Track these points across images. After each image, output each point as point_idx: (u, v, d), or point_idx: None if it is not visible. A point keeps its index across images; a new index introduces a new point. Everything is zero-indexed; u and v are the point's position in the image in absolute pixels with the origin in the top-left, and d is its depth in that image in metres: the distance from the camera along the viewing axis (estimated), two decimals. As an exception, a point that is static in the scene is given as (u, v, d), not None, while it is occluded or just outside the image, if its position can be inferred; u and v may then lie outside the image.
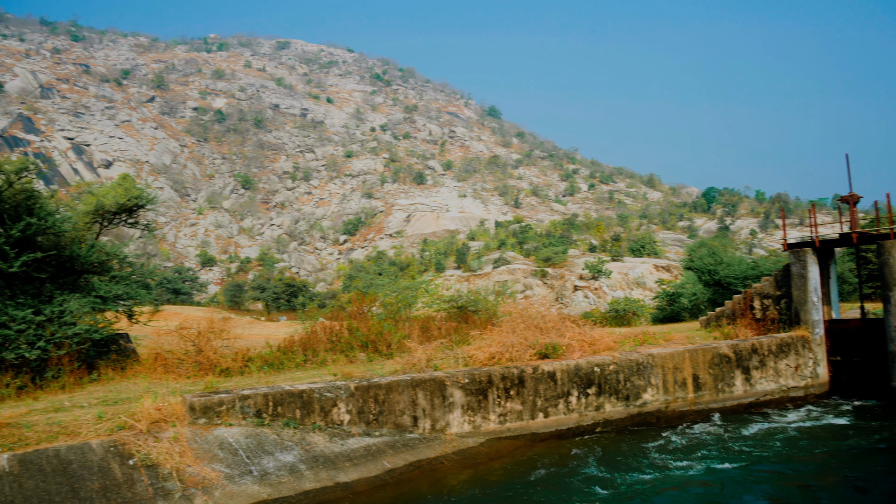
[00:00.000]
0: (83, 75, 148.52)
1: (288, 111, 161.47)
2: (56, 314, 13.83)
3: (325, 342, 17.10)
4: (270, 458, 11.08)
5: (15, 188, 14.17)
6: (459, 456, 13.10)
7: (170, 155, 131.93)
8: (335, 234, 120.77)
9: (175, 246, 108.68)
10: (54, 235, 15.04)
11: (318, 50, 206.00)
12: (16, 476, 9.15)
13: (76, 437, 10.26)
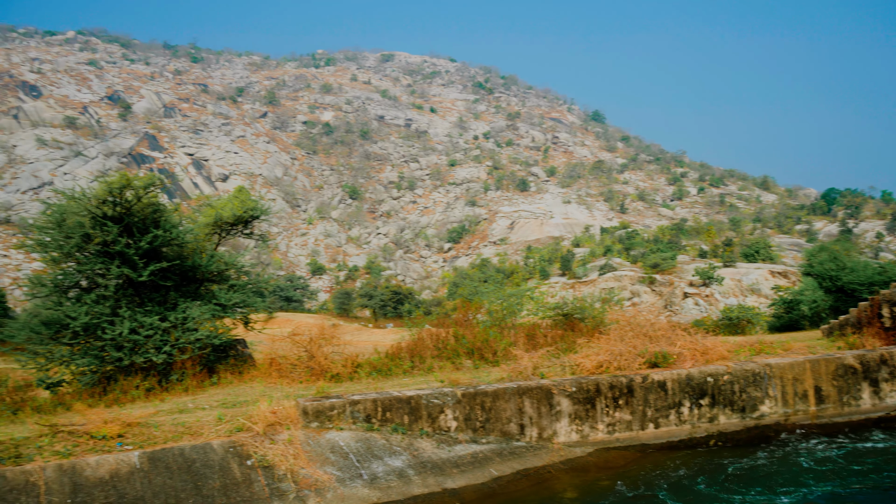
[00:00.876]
0: (202, 94, 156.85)
1: (393, 122, 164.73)
2: (180, 321, 14.63)
3: (432, 349, 17.29)
4: (380, 462, 11.30)
5: (143, 202, 15.11)
6: (567, 465, 12.94)
7: (281, 168, 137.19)
8: (440, 241, 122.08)
9: (287, 255, 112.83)
10: (178, 246, 15.94)
11: (421, 61, 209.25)
12: (146, 472, 9.73)
13: (199, 437, 10.80)
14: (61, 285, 15.23)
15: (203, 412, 12.20)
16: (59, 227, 14.69)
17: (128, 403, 13.12)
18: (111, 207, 14.76)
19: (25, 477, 8.97)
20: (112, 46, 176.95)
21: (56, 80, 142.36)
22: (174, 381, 14.34)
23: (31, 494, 8.82)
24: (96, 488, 9.26)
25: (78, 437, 10.14)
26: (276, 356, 16.40)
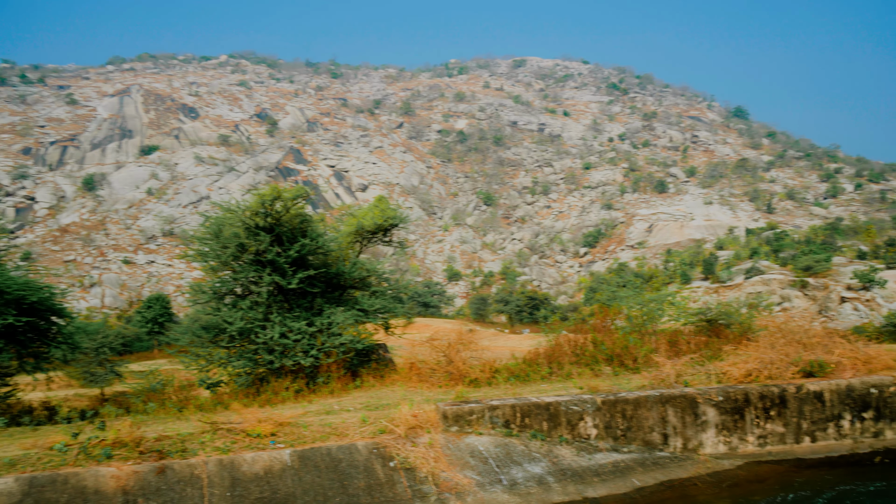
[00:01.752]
0: (342, 108, 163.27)
1: (526, 127, 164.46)
2: (325, 326, 15.29)
3: (570, 355, 17.09)
4: (519, 468, 11.29)
5: (291, 213, 15.95)
6: (714, 478, 12.38)
7: (417, 176, 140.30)
8: (575, 246, 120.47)
9: (424, 261, 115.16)
10: (323, 254, 16.68)
11: (553, 65, 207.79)
12: (296, 470, 10.22)
13: (344, 437, 11.22)
14: (219, 292, 16.34)
15: (348, 414, 12.65)
16: (216, 238, 15.78)
17: (279, 404, 13.83)
18: (263, 219, 15.68)
19: (191, 470, 9.65)
20: (259, 67, 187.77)
21: (211, 102, 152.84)
22: (320, 383, 14.97)
23: (195, 486, 9.48)
24: (252, 483, 9.82)
25: (235, 434, 10.80)
26: (416, 360, 16.75)
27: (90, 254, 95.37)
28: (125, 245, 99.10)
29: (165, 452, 9.80)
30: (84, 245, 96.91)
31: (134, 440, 9.80)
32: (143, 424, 11.00)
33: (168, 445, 10.10)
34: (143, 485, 9.15)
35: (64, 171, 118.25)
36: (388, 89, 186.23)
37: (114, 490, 8.91)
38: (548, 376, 16.28)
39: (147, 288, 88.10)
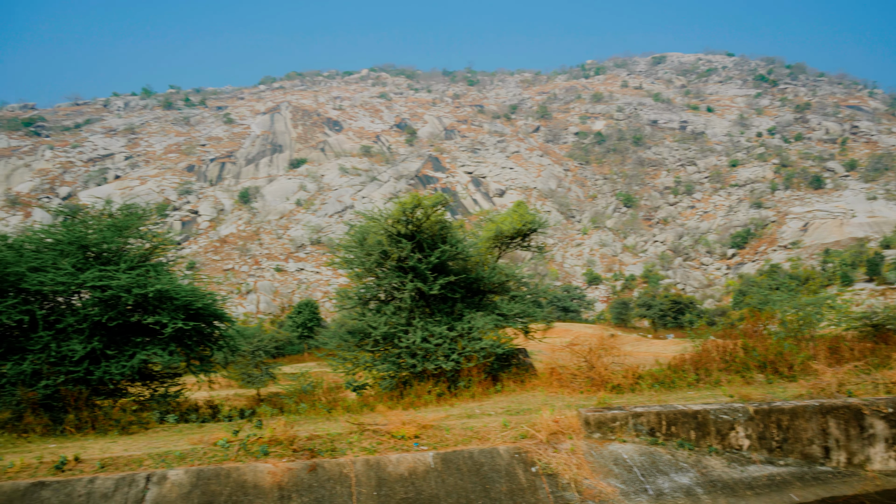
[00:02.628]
0: (478, 115, 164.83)
1: (666, 125, 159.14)
2: (466, 330, 15.46)
3: (718, 361, 16.34)
4: (665, 478, 10.91)
5: (431, 220, 16.27)
6: (885, 497, 11.42)
7: (555, 180, 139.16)
8: (722, 247, 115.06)
9: (563, 266, 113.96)
10: (462, 260, 16.89)
11: (695, 59, 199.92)
12: (439, 472, 10.39)
13: (486, 441, 11.28)
14: (364, 298, 16.92)
15: (489, 418, 12.71)
16: (361, 246, 16.36)
17: (421, 407, 14.11)
18: (404, 226, 16.09)
19: (340, 469, 10.04)
20: (398, 79, 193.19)
21: (353, 114, 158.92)
22: (462, 387, 15.14)
23: (344, 484, 9.85)
24: (397, 483, 10.08)
25: (381, 435, 11.13)
26: (556, 366, 16.58)
27: (246, 262, 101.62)
28: (277, 254, 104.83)
29: (316, 451, 10.24)
30: (241, 254, 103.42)
31: (288, 439, 10.31)
32: (295, 424, 11.55)
33: (319, 444, 10.54)
34: (297, 481, 9.61)
35: (223, 185, 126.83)
36: (525, 94, 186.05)
37: (270, 485, 9.42)
38: (695, 383, 15.65)
39: (297, 294, 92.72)
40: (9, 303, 12.54)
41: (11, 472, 9.30)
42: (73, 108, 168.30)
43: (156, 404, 13.64)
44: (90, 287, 12.98)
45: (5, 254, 13.20)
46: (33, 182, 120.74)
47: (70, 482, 9.05)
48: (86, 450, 10.37)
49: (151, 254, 14.87)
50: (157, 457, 9.78)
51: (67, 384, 12.57)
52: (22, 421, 11.93)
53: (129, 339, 13.56)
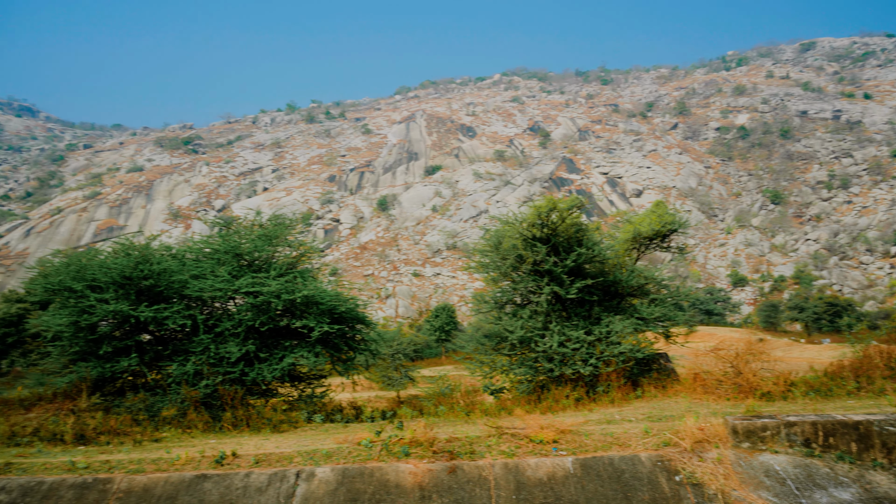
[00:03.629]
0: (613, 114, 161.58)
1: (818, 116, 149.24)
2: (604, 334, 15.19)
3: (883, 368, 15.12)
4: (823, 492, 10.23)
5: (567, 223, 16.12)
6: None
7: (695, 178, 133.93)
8: (884, 245, 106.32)
9: (705, 267, 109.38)
10: (599, 263, 16.62)
11: (849, 43, 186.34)
12: (579, 478, 10.26)
13: (626, 448, 11.03)
14: (500, 302, 17.01)
15: (629, 424, 12.42)
16: (496, 250, 16.46)
17: (559, 411, 13.99)
18: (539, 230, 16.04)
19: (479, 471, 10.14)
20: (531, 82, 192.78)
21: (486, 120, 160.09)
22: (600, 392, 14.88)
23: (483, 487, 9.94)
24: (536, 488, 10.05)
25: (519, 439, 11.13)
26: (700, 371, 15.96)
27: (385, 268, 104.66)
28: (414, 259, 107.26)
29: (455, 453, 10.39)
30: (380, 260, 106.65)
31: (428, 440, 10.53)
32: (435, 426, 11.77)
33: (458, 447, 10.69)
34: (437, 482, 9.79)
35: (362, 194, 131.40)
36: (661, 90, 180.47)
37: (411, 485, 9.66)
38: (855, 392, 14.57)
39: (434, 298, 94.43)
40: (174, 309, 13.61)
41: (178, 465, 10.08)
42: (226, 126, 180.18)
43: (303, 404, 14.32)
44: (244, 293, 13.86)
45: (170, 263, 14.33)
46: (192, 196, 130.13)
47: (228, 475, 9.69)
48: (242, 446, 11.05)
49: (298, 261, 15.65)
50: (305, 454, 10.27)
51: (225, 384, 13.46)
52: (186, 417, 12.88)
53: (279, 343, 14.35)
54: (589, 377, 15.00)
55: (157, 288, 14.11)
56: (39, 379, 15.20)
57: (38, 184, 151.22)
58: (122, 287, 13.82)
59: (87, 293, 13.57)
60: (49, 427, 12.33)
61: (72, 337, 14.03)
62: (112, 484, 9.64)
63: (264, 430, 12.50)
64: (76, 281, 13.76)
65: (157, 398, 13.55)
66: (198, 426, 12.68)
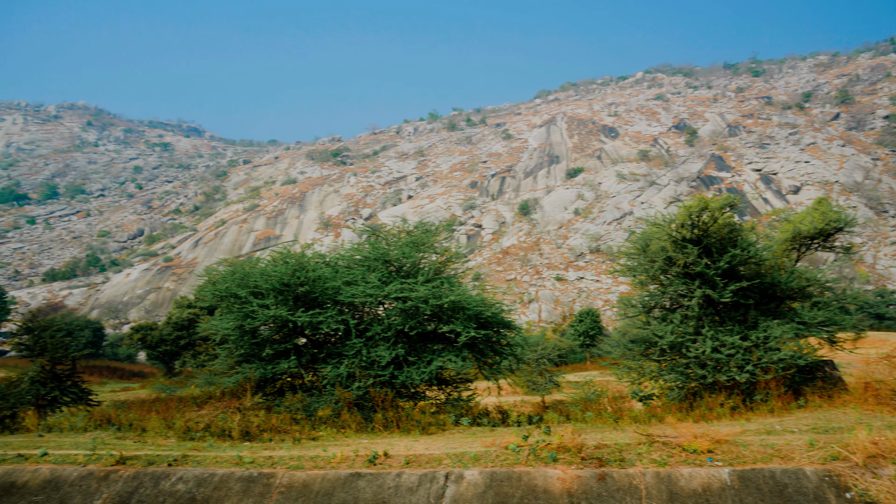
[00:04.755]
0: (765, 107, 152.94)
1: None
2: (761, 340, 14.41)
3: None
4: None
5: (719, 223, 15.45)
6: None
7: (861, 171, 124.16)
8: None
9: (874, 267, 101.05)
10: (755, 264, 15.79)
11: None
12: (736, 490, 9.79)
13: (789, 461, 10.40)
14: (647, 306, 16.54)
15: (791, 435, 11.71)
16: (643, 253, 16.04)
17: (713, 420, 13.41)
18: (689, 231, 15.48)
19: (629, 480, 9.91)
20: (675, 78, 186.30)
21: (629, 119, 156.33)
22: (758, 401, 14.13)
23: (633, 496, 9.70)
24: (689, 499, 9.69)
25: (671, 448, 10.78)
26: (872, 380, 14.78)
27: (528, 272, 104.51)
28: (557, 263, 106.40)
29: (604, 460, 10.22)
30: (522, 265, 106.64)
31: (576, 446, 10.42)
32: (582, 432, 11.63)
33: (606, 454, 10.51)
34: (585, 489, 9.67)
35: (503, 199, 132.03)
36: (820, 79, 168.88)
37: (559, 491, 9.59)
38: None
39: (578, 303, 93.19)
40: (328, 314, 14.30)
41: (334, 462, 10.56)
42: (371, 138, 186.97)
43: (451, 407, 14.59)
44: (393, 298, 14.33)
45: (324, 270, 15.07)
46: (341, 206, 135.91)
47: (381, 475, 10.04)
48: (392, 446, 11.41)
49: (444, 267, 15.97)
50: (454, 457, 10.45)
51: (376, 386, 13.96)
52: (340, 418, 13.47)
53: (426, 347, 14.71)
54: (745, 385, 14.29)
55: (313, 294, 14.87)
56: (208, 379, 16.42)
57: (205, 198, 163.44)
58: (281, 293, 14.67)
59: (250, 299, 14.52)
60: (218, 423, 13.28)
61: (237, 340, 15.05)
62: (275, 479, 10.25)
63: (413, 431, 12.83)
64: (240, 288, 14.75)
65: (314, 399, 14.26)
66: (351, 426, 13.21)
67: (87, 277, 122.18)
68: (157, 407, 16.99)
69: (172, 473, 10.67)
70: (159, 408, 16.35)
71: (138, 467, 10.96)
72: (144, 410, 16.43)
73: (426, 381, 14.42)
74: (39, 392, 21.66)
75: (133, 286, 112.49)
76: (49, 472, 11.14)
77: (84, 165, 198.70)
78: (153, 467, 10.93)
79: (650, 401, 16.24)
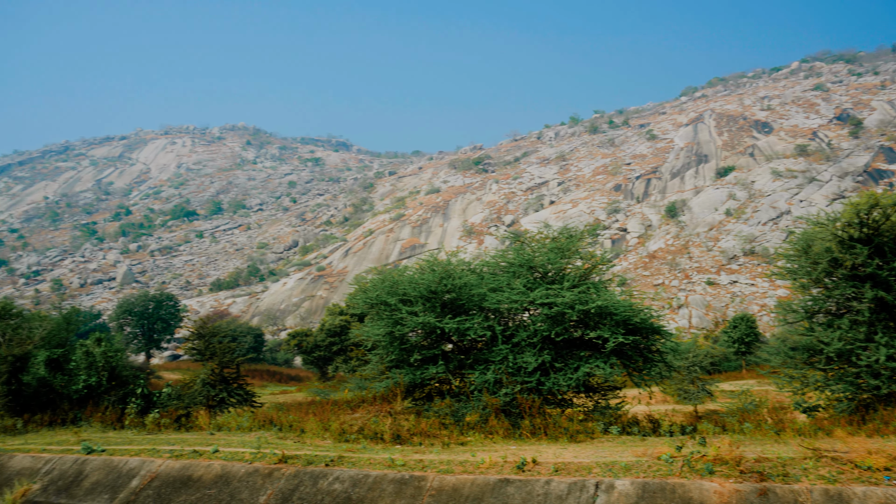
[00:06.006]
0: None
1: None
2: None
3: None
4: None
5: (892, 220, 14.27)
6: None
7: None
8: None
9: None
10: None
11: None
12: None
13: (983, 482, 9.42)
14: (810, 311, 15.51)
15: (985, 454, 10.59)
16: (805, 254, 15.07)
17: (890, 435, 12.37)
18: (857, 229, 14.39)
19: (794, 496, 9.34)
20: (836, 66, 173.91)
21: (784, 113, 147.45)
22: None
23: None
24: (866, 520, 8.99)
25: (841, 464, 10.06)
26: None
27: (676, 277, 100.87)
28: (707, 267, 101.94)
29: (766, 475, 9.69)
30: (670, 269, 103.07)
31: (734, 459, 9.96)
32: (740, 444, 11.09)
33: (768, 468, 9.96)
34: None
35: (649, 201, 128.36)
36: None
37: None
38: None
39: (731, 308, 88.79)
40: (475, 320, 14.48)
41: (483, 468, 10.66)
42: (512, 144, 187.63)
43: (599, 415, 14.34)
44: (539, 304, 14.29)
45: (469, 277, 15.28)
46: (484, 213, 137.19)
47: (530, 482, 10.02)
48: (541, 453, 11.37)
49: (590, 272, 15.74)
50: (604, 466, 10.26)
51: (522, 393, 13.97)
52: (487, 423, 13.58)
53: (573, 353, 14.54)
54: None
55: (459, 301, 15.12)
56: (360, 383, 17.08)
57: (353, 209, 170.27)
58: (429, 300, 15.02)
59: (400, 306, 14.97)
60: (371, 427, 13.77)
61: (387, 346, 15.56)
62: (426, 482, 10.49)
63: (561, 439, 12.72)
64: (390, 295, 15.25)
65: (462, 404, 14.47)
66: (498, 432, 13.28)
67: (249, 287, 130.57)
68: (313, 409, 17.85)
69: (330, 473, 11.18)
70: (315, 410, 17.17)
71: (299, 466, 11.57)
72: (302, 412, 17.30)
73: (573, 387, 14.26)
74: (209, 393, 23.36)
75: (289, 294, 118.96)
76: (220, 467, 12.00)
77: (244, 182, 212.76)
78: (312, 467, 11.49)
79: (815, 413, 15.23)
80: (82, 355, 19.56)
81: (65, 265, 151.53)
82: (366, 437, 13.40)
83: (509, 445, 12.47)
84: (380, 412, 14.92)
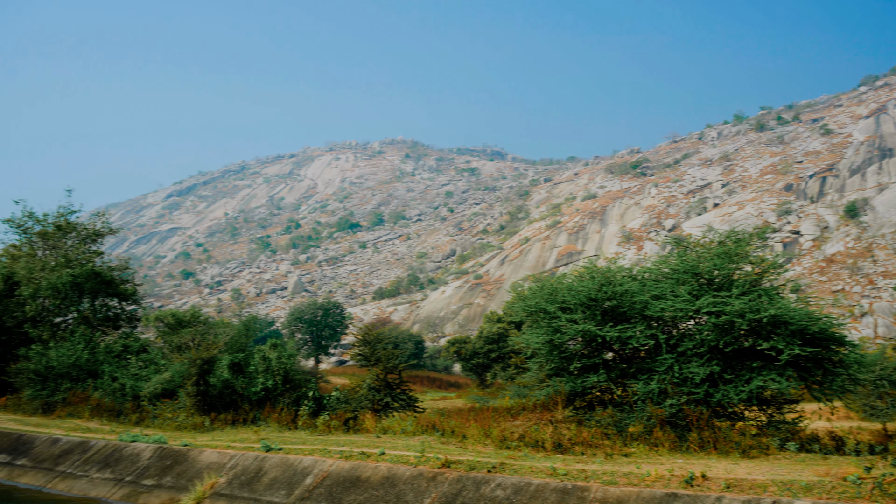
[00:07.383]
0: None
1: None
2: None
3: None
4: None
5: None
6: None
7: None
8: None
9: None
10: None
11: None
12: None
13: None
14: None
15: None
16: None
17: None
18: None
19: None
20: None
21: None
22: None
23: None
24: None
25: None
26: None
27: (858, 282, 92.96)
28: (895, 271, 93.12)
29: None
30: (851, 274, 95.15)
31: (934, 483, 9.05)
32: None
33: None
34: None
35: (825, 201, 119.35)
36: None
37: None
38: None
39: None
40: (638, 328, 14.11)
41: (648, 481, 10.35)
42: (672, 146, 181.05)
43: (773, 430, 13.49)
44: (705, 313, 13.69)
45: (631, 284, 14.92)
46: (642, 218, 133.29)
47: (699, 497, 9.61)
48: (710, 468, 10.87)
49: (760, 278, 14.88)
50: (781, 484, 9.66)
51: (689, 404, 13.42)
52: (652, 435, 13.17)
53: (744, 364, 13.79)
54: None
55: (620, 308, 14.79)
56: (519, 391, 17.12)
57: (509, 217, 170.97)
58: (589, 308, 14.81)
59: (559, 314, 14.88)
60: (532, 434, 13.76)
61: (547, 354, 15.50)
62: (589, 492, 10.34)
63: (732, 453, 12.11)
64: (549, 303, 15.19)
65: (625, 414, 14.14)
66: (664, 444, 12.86)
67: (409, 295, 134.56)
68: (473, 416, 18.10)
69: (492, 479, 11.29)
70: (476, 417, 17.40)
71: (461, 471, 11.77)
72: (463, 419, 17.58)
73: (745, 400, 13.51)
74: (375, 398, 24.25)
75: (448, 302, 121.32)
76: (386, 469, 12.45)
77: (403, 194, 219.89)
78: (474, 472, 11.66)
79: None
80: (260, 360, 21.05)
81: (243, 276, 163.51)
82: (527, 445, 13.41)
83: (675, 458, 12.03)
84: (540, 420, 14.88)
